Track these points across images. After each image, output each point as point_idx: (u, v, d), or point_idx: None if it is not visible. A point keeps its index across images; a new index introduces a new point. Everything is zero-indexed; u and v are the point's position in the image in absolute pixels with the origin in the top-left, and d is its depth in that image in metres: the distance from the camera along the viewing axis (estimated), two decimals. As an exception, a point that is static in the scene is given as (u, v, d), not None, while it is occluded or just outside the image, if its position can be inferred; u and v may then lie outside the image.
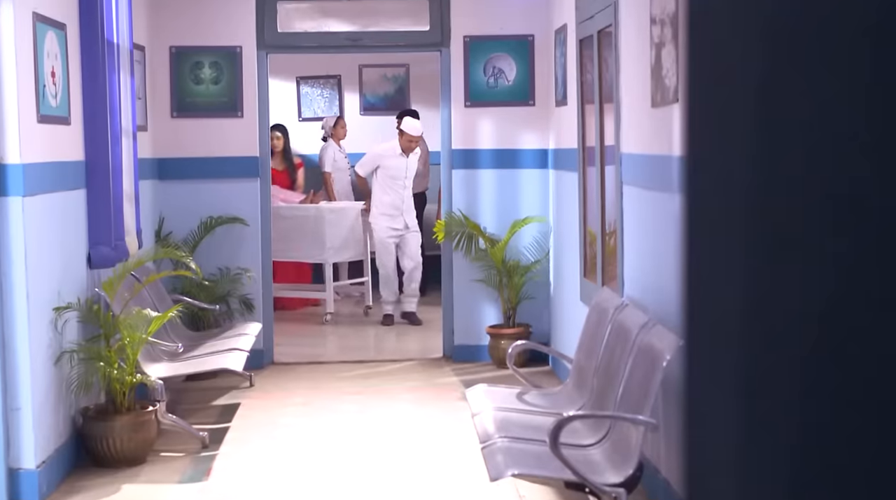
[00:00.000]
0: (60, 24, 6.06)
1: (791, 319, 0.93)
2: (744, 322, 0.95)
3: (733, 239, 0.95)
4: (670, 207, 5.03)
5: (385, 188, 10.43)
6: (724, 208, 0.96)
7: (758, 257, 0.94)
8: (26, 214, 5.48)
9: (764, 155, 0.94)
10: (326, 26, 9.20)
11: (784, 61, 0.93)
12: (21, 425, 5.53)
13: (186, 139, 8.68)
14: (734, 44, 0.96)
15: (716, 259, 0.97)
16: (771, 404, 0.94)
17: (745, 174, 0.95)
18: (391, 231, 10.42)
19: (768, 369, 0.94)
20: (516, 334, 8.32)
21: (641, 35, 5.44)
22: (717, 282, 0.97)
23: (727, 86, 0.96)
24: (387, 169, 10.38)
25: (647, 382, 4.62)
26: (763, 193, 0.94)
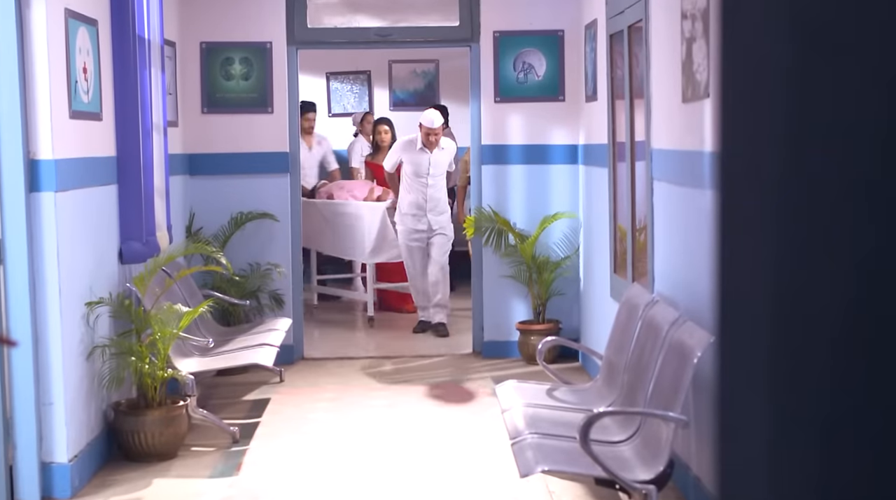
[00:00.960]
0: (92, 20, 6.09)
1: (824, 315, 0.92)
2: (776, 318, 0.94)
3: (766, 235, 0.95)
4: (701, 202, 5.01)
5: (407, 185, 9.76)
6: (757, 204, 0.95)
7: (790, 252, 0.93)
8: (58, 210, 5.52)
9: (796, 150, 0.93)
10: (356, 22, 9.21)
11: (816, 55, 0.92)
12: (53, 419, 5.57)
13: (217, 135, 8.71)
14: (766, 39, 0.95)
15: (748, 255, 0.96)
16: (803, 401, 0.93)
17: (777, 169, 0.94)
18: (413, 233, 9.73)
19: (800, 365, 0.93)
20: (546, 330, 8.30)
21: (672, 30, 5.42)
22: (750, 278, 0.96)
23: (759, 81, 0.96)
24: (408, 164, 9.70)
25: (677, 378, 4.60)
26: (796, 189, 0.93)
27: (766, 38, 0.95)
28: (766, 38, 0.95)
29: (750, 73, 0.96)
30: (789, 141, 0.93)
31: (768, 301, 0.94)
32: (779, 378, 0.94)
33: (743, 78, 0.97)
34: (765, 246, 0.95)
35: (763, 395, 0.95)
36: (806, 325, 0.92)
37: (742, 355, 0.96)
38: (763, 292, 0.95)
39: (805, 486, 0.93)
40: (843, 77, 0.91)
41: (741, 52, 0.97)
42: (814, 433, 0.93)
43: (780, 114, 0.94)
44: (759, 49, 0.96)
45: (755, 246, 0.95)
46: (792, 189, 0.93)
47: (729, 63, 0.98)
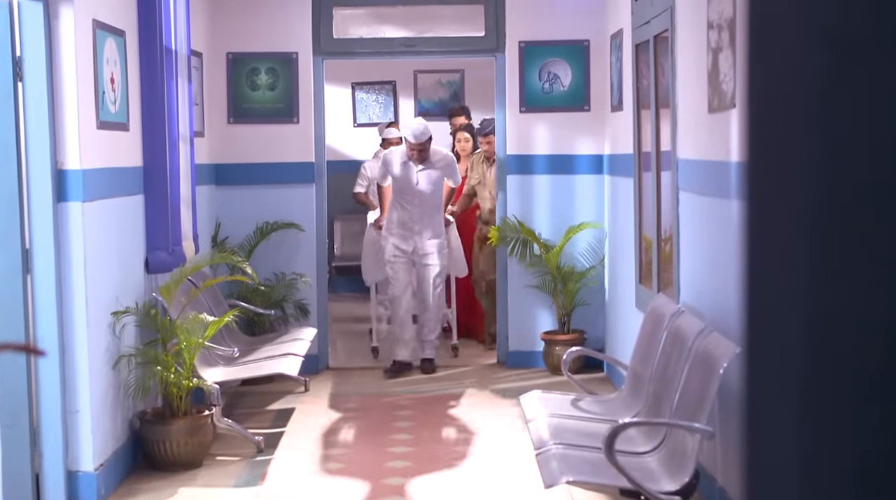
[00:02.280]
0: (120, 31, 6.13)
1: (854, 326, 0.92)
2: (806, 330, 0.94)
3: (795, 246, 0.94)
4: (727, 213, 4.99)
5: (394, 202, 8.72)
6: (786, 215, 0.95)
7: (820, 263, 0.93)
8: (86, 220, 5.54)
9: (825, 160, 0.93)
10: (382, 32, 9.23)
11: (845, 64, 0.92)
12: (79, 428, 5.59)
13: (243, 145, 8.74)
14: (794, 48, 0.95)
15: (777, 266, 0.96)
16: (833, 413, 0.93)
17: (806, 180, 0.94)
18: (398, 250, 8.64)
19: (830, 377, 0.93)
20: (571, 341, 8.29)
21: (698, 40, 5.41)
22: (779, 289, 0.96)
23: (787, 90, 0.95)
24: (393, 179, 8.66)
25: (703, 389, 4.58)
26: (825, 200, 0.93)
27: (794, 46, 0.94)
28: (794, 45, 0.94)
29: (779, 84, 0.96)
30: (818, 149, 0.93)
31: (798, 312, 0.94)
32: (810, 391, 0.93)
33: (772, 88, 0.97)
34: (795, 257, 0.94)
35: (793, 407, 0.94)
36: (839, 338, 0.92)
37: (771, 367, 0.96)
38: (793, 304, 0.94)
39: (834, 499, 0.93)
40: (875, 88, 0.91)
41: (770, 63, 0.97)
42: (846, 447, 0.92)
43: (809, 122, 0.93)
44: (789, 59, 0.95)
45: (785, 258, 0.95)
46: (821, 199, 0.93)
47: (757, 73, 0.98)
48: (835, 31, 0.92)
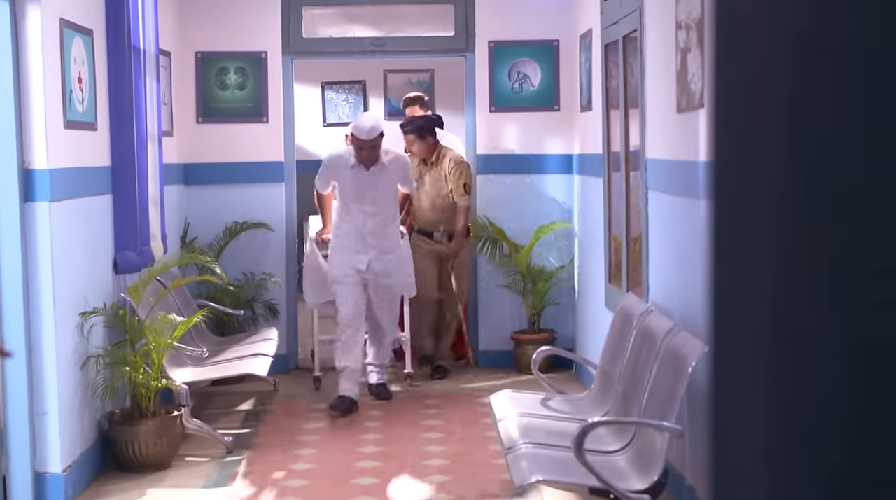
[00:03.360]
0: (87, 29, 6.09)
1: (819, 325, 0.92)
2: (772, 328, 0.94)
3: (761, 245, 0.94)
4: (696, 212, 5.01)
5: (342, 211, 7.55)
6: (752, 214, 0.95)
7: (786, 262, 0.93)
8: (53, 220, 5.51)
9: (792, 160, 0.93)
10: (351, 32, 9.21)
11: (811, 65, 0.92)
12: (47, 429, 5.55)
13: (212, 145, 8.70)
14: (760, 48, 0.95)
15: (743, 265, 0.96)
16: (799, 411, 0.93)
17: (772, 180, 0.94)
18: (348, 268, 7.49)
19: (796, 375, 0.93)
20: (541, 340, 8.30)
21: (667, 40, 5.43)
22: (745, 288, 0.96)
23: (753, 90, 0.96)
24: (341, 185, 7.52)
25: (672, 388, 4.60)
26: (791, 199, 0.93)
27: (761, 46, 0.95)
28: (760, 45, 0.95)
29: (745, 84, 0.96)
30: (785, 149, 0.93)
31: (764, 311, 0.94)
32: (774, 389, 0.94)
33: (738, 88, 0.97)
34: (761, 255, 0.94)
35: (758, 405, 0.95)
36: (802, 335, 0.92)
37: (737, 365, 0.96)
38: (759, 302, 0.95)
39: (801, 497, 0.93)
40: (840, 88, 0.91)
41: (735, 62, 0.97)
42: (810, 443, 0.92)
43: (776, 122, 0.94)
44: (755, 59, 0.96)
45: (751, 256, 0.95)
46: (787, 198, 0.93)
47: (724, 73, 0.98)
48: (800, 30, 0.92)
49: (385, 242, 7.56)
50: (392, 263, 7.61)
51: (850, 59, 0.91)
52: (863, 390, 0.91)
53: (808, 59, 0.92)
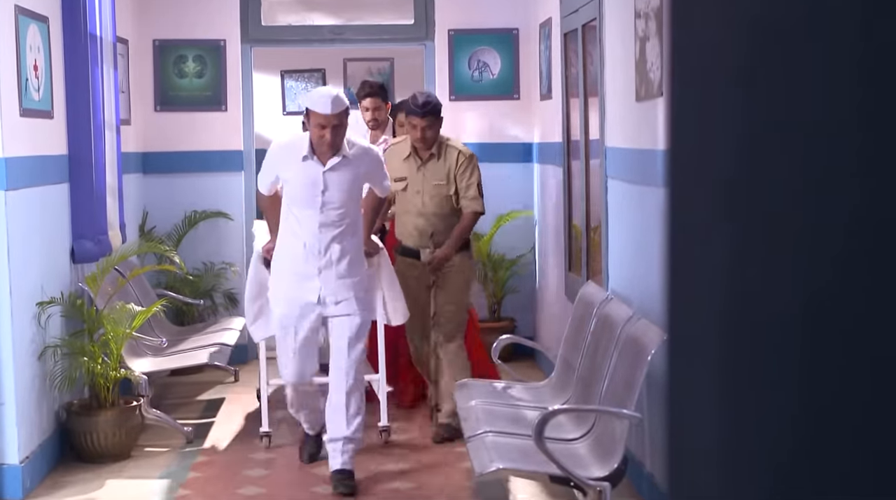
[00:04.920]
0: (43, 17, 6.03)
1: (773, 311, 0.93)
2: (727, 316, 0.95)
3: (717, 233, 0.95)
4: (654, 201, 5.03)
5: (287, 220, 5.68)
6: (708, 202, 0.96)
7: (741, 250, 0.94)
8: (9, 209, 5.46)
9: (747, 149, 0.94)
10: (310, 20, 9.18)
11: (767, 54, 0.93)
12: (4, 420, 5.51)
13: (170, 133, 8.65)
14: (717, 37, 0.95)
15: (699, 253, 0.96)
16: (754, 397, 0.94)
17: (728, 168, 0.94)
18: (294, 306, 5.65)
19: (751, 362, 0.94)
20: (501, 328, 8.30)
21: (626, 29, 5.44)
22: (701, 275, 0.96)
23: (710, 79, 0.96)
24: (288, 185, 5.65)
25: (631, 376, 4.62)
26: (746, 187, 0.94)
27: (718, 35, 0.95)
28: (717, 35, 0.95)
29: (702, 72, 0.97)
30: (740, 138, 0.94)
31: (720, 298, 0.95)
32: (728, 376, 0.94)
33: (694, 76, 0.97)
34: (716, 243, 0.95)
35: (712, 392, 0.95)
36: (757, 322, 0.93)
37: (692, 353, 0.97)
38: (715, 290, 0.95)
39: (757, 483, 0.94)
40: (794, 74, 0.92)
41: (692, 51, 0.97)
42: (766, 430, 0.93)
43: (732, 111, 0.94)
44: (711, 47, 0.96)
45: (707, 244, 0.96)
46: (743, 187, 0.94)
47: (680, 61, 0.99)
48: (754, 17, 0.93)
49: (344, 262, 5.62)
50: (353, 288, 5.66)
51: (805, 45, 0.91)
52: (816, 378, 0.91)
53: (764, 47, 0.93)
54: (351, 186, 5.62)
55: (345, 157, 5.57)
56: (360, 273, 5.76)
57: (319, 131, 5.48)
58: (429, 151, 6.47)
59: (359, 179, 5.69)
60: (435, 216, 6.46)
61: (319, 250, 5.58)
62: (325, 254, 5.59)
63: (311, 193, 5.55)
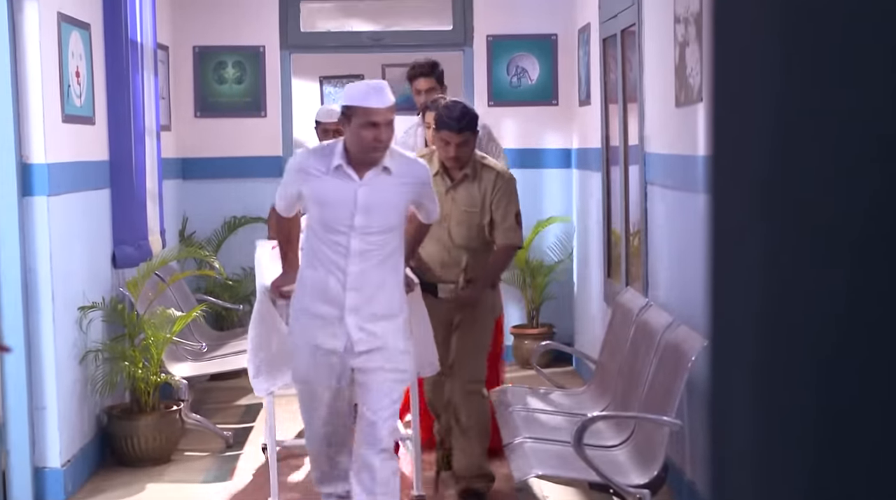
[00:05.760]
0: (85, 24, 6.08)
1: (816, 319, 0.92)
2: (770, 323, 0.94)
3: (760, 238, 0.94)
4: (695, 206, 5.01)
5: (311, 248, 4.62)
6: (750, 208, 0.95)
7: (784, 257, 0.93)
8: (51, 214, 5.51)
9: (789, 155, 0.93)
10: (349, 26, 9.21)
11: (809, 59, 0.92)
12: (46, 424, 5.55)
13: (210, 139, 8.70)
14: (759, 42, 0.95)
15: (741, 259, 0.96)
16: (794, 406, 0.93)
17: (771, 173, 0.94)
18: (319, 354, 4.58)
19: (793, 369, 0.93)
20: (540, 335, 8.30)
21: (665, 34, 5.42)
22: (743, 282, 0.96)
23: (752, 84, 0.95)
24: (315, 204, 4.58)
25: (671, 382, 4.60)
26: (788, 193, 0.93)
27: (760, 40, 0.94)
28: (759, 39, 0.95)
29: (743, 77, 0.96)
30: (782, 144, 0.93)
31: (762, 305, 0.94)
32: (769, 383, 0.94)
33: (736, 81, 0.97)
34: (759, 250, 0.94)
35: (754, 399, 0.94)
36: (799, 329, 0.92)
37: (736, 360, 0.96)
38: (757, 296, 0.95)
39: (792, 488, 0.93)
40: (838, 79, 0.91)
41: (734, 56, 0.97)
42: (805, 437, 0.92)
43: (775, 117, 0.94)
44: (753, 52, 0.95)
45: (749, 250, 0.95)
46: (785, 193, 0.93)
47: (721, 67, 0.98)
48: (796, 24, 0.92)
49: (381, 301, 4.57)
50: (392, 332, 4.59)
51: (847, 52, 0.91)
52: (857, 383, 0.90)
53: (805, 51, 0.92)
54: (393, 205, 4.54)
55: (385, 169, 4.50)
56: (401, 316, 4.64)
57: (371, 132, 4.39)
58: (462, 171, 5.39)
59: (403, 197, 4.58)
60: (461, 249, 5.40)
61: (344, 284, 4.49)
62: (351, 289, 4.49)
63: (342, 213, 4.47)
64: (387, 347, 4.56)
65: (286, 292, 4.81)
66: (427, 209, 4.81)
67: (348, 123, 4.46)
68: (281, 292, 4.87)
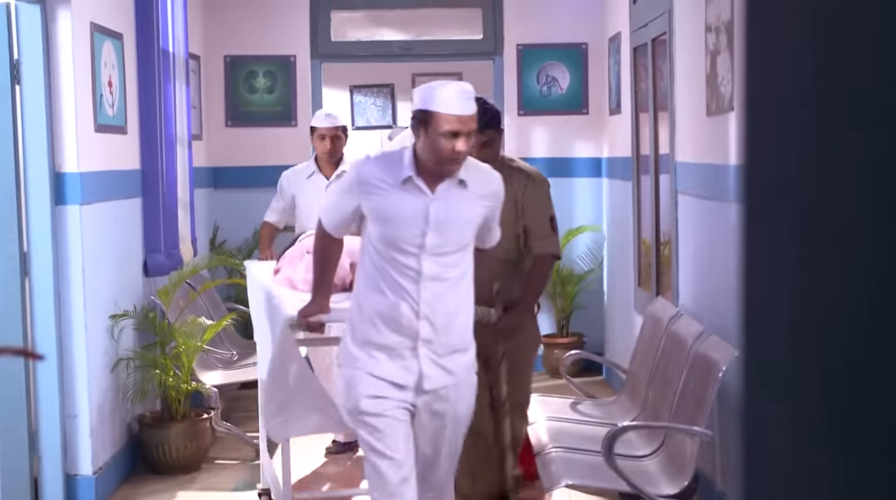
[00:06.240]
0: (117, 33, 6.12)
1: (849, 329, 0.91)
2: (803, 333, 0.93)
3: (793, 248, 0.94)
4: (725, 216, 4.98)
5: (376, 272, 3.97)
6: (783, 218, 0.95)
7: (818, 267, 0.93)
8: (84, 223, 5.54)
9: (822, 163, 0.92)
10: (379, 35, 9.24)
11: (842, 67, 0.92)
12: (78, 431, 5.58)
13: (241, 148, 8.73)
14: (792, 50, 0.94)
15: (774, 269, 0.95)
16: (829, 417, 0.92)
17: (804, 182, 0.93)
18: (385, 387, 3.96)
19: (828, 381, 0.92)
20: (570, 344, 8.28)
21: (696, 43, 5.41)
22: (776, 292, 0.95)
23: (785, 93, 0.95)
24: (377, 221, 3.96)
25: (702, 392, 4.58)
26: (822, 203, 0.93)
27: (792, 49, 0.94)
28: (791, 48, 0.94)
29: (776, 86, 0.96)
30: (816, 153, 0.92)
31: (796, 315, 0.94)
32: (803, 394, 0.93)
33: (767, 90, 0.96)
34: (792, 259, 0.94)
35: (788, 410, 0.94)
36: (834, 339, 0.92)
37: (769, 371, 0.96)
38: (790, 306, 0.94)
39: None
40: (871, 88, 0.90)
41: (766, 65, 0.96)
42: (840, 449, 0.92)
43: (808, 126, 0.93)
44: (785, 60, 0.95)
45: (782, 260, 0.95)
46: (819, 202, 0.92)
47: (754, 76, 0.98)
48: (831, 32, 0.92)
49: (455, 330, 3.99)
50: (463, 369, 4.05)
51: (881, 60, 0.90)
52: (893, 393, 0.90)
53: (837, 60, 0.92)
54: (467, 221, 3.99)
55: (461, 181, 3.95)
56: (473, 349, 4.10)
57: (451, 142, 3.83)
58: None
59: (477, 213, 4.02)
60: (494, 263, 4.64)
61: (424, 314, 3.91)
62: (432, 319, 3.92)
63: (411, 231, 3.89)
64: (459, 385, 4.02)
65: (315, 323, 4.30)
66: (491, 231, 4.16)
67: (423, 129, 3.86)
68: (309, 324, 4.29)
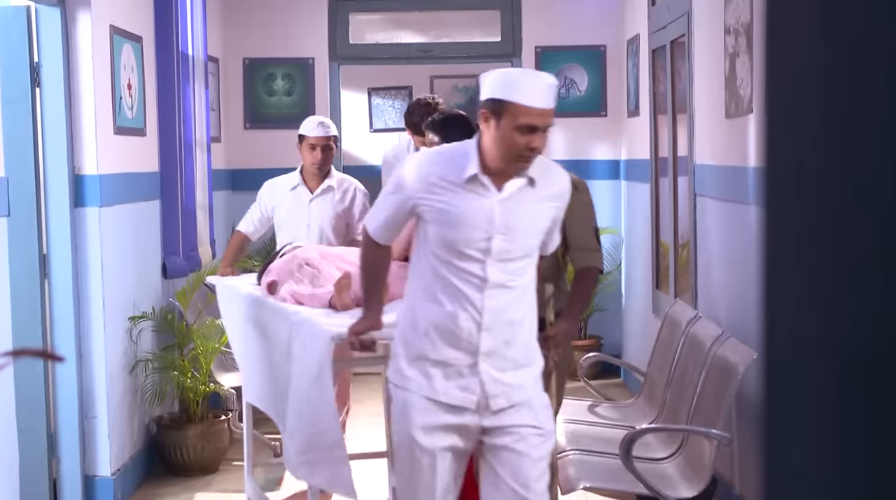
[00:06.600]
0: (137, 36, 6.14)
1: (871, 331, 0.91)
2: (823, 336, 0.93)
3: (814, 250, 0.93)
4: (744, 218, 4.97)
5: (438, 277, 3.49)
6: (804, 220, 0.94)
7: (838, 268, 0.92)
8: (103, 225, 5.56)
9: (843, 165, 0.92)
10: (398, 37, 9.24)
11: (861, 69, 0.91)
12: (97, 433, 5.60)
13: (259, 150, 8.75)
14: (812, 52, 0.94)
15: (795, 272, 0.95)
16: (850, 420, 0.92)
17: (824, 185, 0.93)
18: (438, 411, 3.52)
19: (849, 384, 0.92)
20: (587, 346, 8.27)
21: (715, 45, 5.39)
22: (797, 295, 0.95)
23: (805, 95, 0.95)
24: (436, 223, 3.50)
25: (720, 395, 4.56)
26: (841, 205, 0.92)
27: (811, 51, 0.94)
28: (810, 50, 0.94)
29: (796, 88, 0.95)
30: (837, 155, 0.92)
31: (816, 317, 0.93)
32: (825, 397, 0.93)
33: (787, 93, 0.96)
34: (813, 262, 0.93)
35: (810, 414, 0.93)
36: (851, 343, 0.91)
37: (789, 374, 0.95)
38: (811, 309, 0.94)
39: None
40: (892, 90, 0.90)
41: (786, 68, 0.96)
42: (861, 452, 0.91)
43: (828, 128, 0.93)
44: (805, 63, 0.94)
45: (801, 263, 0.94)
46: (838, 204, 0.92)
47: (774, 78, 0.97)
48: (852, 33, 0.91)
49: (520, 344, 3.55)
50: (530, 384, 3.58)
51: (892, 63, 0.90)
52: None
53: (860, 62, 0.91)
54: (534, 223, 3.57)
55: (531, 180, 3.56)
56: (539, 363, 3.64)
57: (526, 137, 3.49)
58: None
59: (545, 214, 3.60)
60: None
61: (486, 325, 3.47)
62: (494, 331, 3.48)
63: (476, 234, 3.45)
64: (530, 402, 3.55)
65: (368, 340, 3.80)
66: (553, 236, 3.72)
67: (494, 121, 3.47)
68: (362, 342, 3.79)
